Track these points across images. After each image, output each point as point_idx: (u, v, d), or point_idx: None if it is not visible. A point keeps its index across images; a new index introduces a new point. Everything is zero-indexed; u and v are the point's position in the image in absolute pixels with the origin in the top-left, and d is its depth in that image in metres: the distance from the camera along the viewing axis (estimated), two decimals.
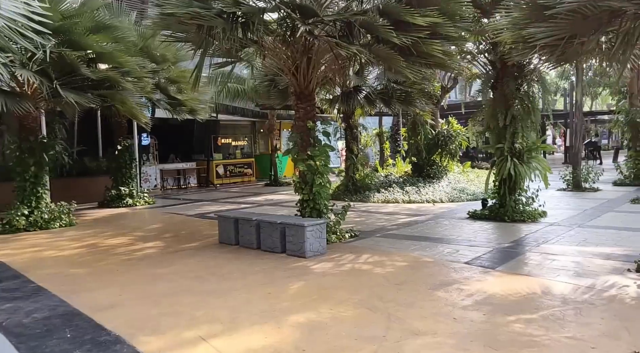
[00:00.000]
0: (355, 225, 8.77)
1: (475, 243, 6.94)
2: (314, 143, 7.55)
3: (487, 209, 9.32)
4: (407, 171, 15.49)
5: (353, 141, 13.60)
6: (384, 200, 12.35)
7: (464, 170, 16.58)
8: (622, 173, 14.78)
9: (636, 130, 14.24)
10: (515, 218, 8.70)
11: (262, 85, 13.74)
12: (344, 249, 6.87)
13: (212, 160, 18.48)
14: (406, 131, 15.26)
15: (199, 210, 11.68)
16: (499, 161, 8.97)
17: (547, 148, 9.18)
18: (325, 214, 7.56)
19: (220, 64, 8.41)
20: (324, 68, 7.91)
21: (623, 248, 6.33)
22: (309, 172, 7.41)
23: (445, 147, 14.64)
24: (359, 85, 12.32)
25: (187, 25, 6.24)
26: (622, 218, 8.78)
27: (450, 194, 12.41)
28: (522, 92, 8.90)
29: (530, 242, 6.92)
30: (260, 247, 6.96)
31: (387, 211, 10.63)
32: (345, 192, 13.33)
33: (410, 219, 9.37)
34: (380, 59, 6.46)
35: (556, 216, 9.05)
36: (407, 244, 7.09)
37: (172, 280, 5.49)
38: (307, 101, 7.59)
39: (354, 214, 10.20)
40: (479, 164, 20.82)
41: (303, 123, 7.58)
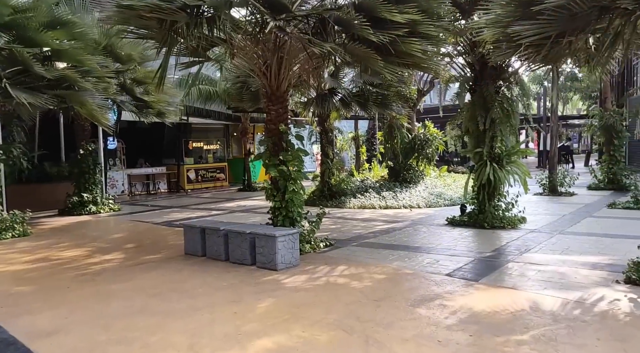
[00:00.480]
0: (330, 233, 8.37)
1: (455, 253, 6.63)
2: (286, 147, 7.13)
3: (466, 216, 9.05)
4: (383, 176, 15.20)
5: (328, 145, 13.23)
6: (360, 206, 12.00)
7: (440, 174, 16.40)
8: (596, 177, 14.79)
9: (609, 134, 14.25)
10: (494, 225, 8.45)
11: (233, 87, 13.29)
12: (318, 260, 6.46)
13: (183, 165, 17.85)
14: (382, 135, 14.98)
15: (167, 217, 11.10)
16: (478, 166, 8.72)
17: (526, 152, 8.99)
18: (298, 222, 7.15)
19: (187, 64, 7.91)
20: (297, 68, 7.51)
21: (607, 256, 6.10)
22: (281, 178, 6.98)
23: (422, 151, 14.40)
24: (334, 87, 11.95)
25: (147, 20, 5.75)
26: (601, 224, 8.62)
27: (427, 200, 12.15)
28: (501, 95, 8.67)
29: (512, 251, 6.64)
30: (229, 259, 6.49)
31: (363, 218, 10.28)
32: (321, 197, 12.94)
33: (387, 227, 9.03)
34: (356, 58, 6.10)
35: (536, 222, 8.84)
36: (385, 254, 6.73)
37: (129, 298, 4.98)
38: (279, 103, 7.17)
39: (330, 221, 9.81)
40: (454, 169, 20.71)
41: (275, 126, 7.15)
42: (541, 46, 4.60)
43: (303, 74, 9.49)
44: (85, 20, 9.47)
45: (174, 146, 18.12)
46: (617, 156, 14.23)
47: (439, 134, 14.59)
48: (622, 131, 14.31)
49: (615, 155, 14.23)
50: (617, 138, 14.28)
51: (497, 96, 8.60)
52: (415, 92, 14.89)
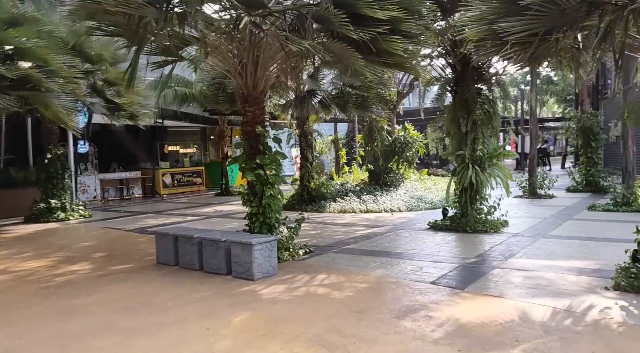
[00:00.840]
0: (310, 239, 8.10)
1: (439, 259, 6.42)
2: (263, 150, 6.84)
3: (448, 219, 8.88)
4: (363, 179, 15.00)
5: (307, 148, 12.96)
6: (341, 210, 11.76)
7: (420, 177, 16.29)
8: (574, 179, 14.86)
9: (587, 137, 14.33)
10: (477, 229, 8.29)
11: (210, 89, 12.92)
12: (297, 268, 6.18)
13: (159, 169, 17.35)
14: (362, 138, 14.78)
15: (140, 224, 10.67)
16: (460, 168, 8.56)
17: (508, 154, 8.89)
18: (276, 228, 6.85)
19: (159, 63, 7.55)
20: (275, 69, 7.24)
21: (593, 261, 5.96)
22: (258, 182, 6.69)
23: (402, 154, 14.25)
24: (313, 89, 11.71)
25: (114, 15, 5.40)
26: (583, 227, 8.54)
27: (408, 203, 11.97)
28: (482, 96, 8.54)
29: (496, 256, 6.47)
30: (203, 268, 6.15)
31: (344, 222, 10.03)
32: (300, 202, 12.66)
33: (368, 231, 8.80)
34: (336, 57, 5.85)
35: (518, 225, 8.71)
36: (366, 261, 6.48)
37: (93, 313, 4.62)
38: (255, 104, 6.87)
39: (309, 227, 9.54)
40: (434, 171, 20.67)
41: (251, 128, 6.85)
42: (527, 43, 4.42)
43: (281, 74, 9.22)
44: (51, 18, 9.03)
45: (149, 150, 17.62)
46: (594, 158, 14.32)
47: (419, 136, 14.46)
48: (599, 134, 14.42)
49: (592, 157, 14.32)
50: (595, 140, 14.37)
51: (478, 98, 8.46)
52: (395, 95, 14.75)
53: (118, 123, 11.53)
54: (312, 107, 11.32)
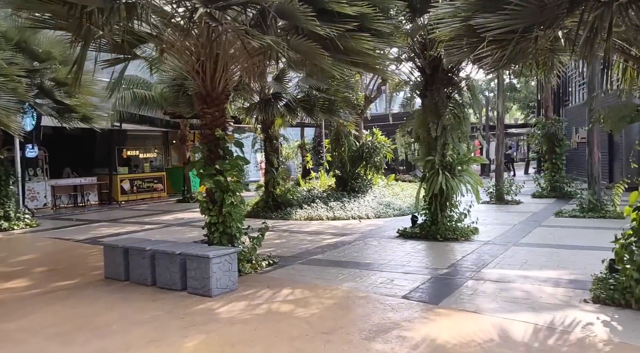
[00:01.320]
0: (274, 249, 7.66)
1: (410, 270, 6.09)
2: (224, 154, 6.36)
3: (417, 227, 8.61)
4: (330, 185, 14.64)
5: (273, 153, 12.50)
6: (307, 217, 11.35)
7: (388, 183, 16.07)
8: (540, 185, 14.95)
9: (551, 143, 14.44)
10: (447, 237, 8.04)
11: (170, 91, 12.31)
12: (260, 282, 5.73)
13: (117, 174, 16.52)
14: (329, 143, 14.44)
15: (93, 233, 9.95)
16: (430, 174, 8.30)
17: (479, 160, 8.70)
18: (237, 239, 6.39)
19: (110, 61, 6.97)
20: (237, 68, 6.78)
21: (568, 271, 5.75)
22: (217, 189, 6.21)
23: (370, 159, 13.97)
24: (278, 92, 11.29)
25: (53, 4, 4.85)
26: (553, 234, 8.42)
27: (376, 210, 11.68)
28: (452, 100, 8.32)
29: (469, 266, 6.19)
30: (156, 284, 5.62)
31: (310, 230, 9.62)
32: (265, 209, 12.19)
33: (336, 240, 8.42)
34: (301, 54, 5.45)
35: (488, 233, 8.52)
36: (334, 273, 6.09)
37: (21, 342, 4.04)
38: (215, 106, 6.40)
39: (274, 235, 9.09)
40: (401, 177, 20.55)
41: (210, 131, 6.38)
42: (505, 41, 4.14)
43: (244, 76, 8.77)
44: None
45: (107, 155, 16.75)
46: (558, 164, 14.44)
47: (386, 142, 14.23)
48: (563, 140, 14.56)
49: (557, 163, 14.43)
50: (559, 146, 14.49)
51: (448, 102, 8.24)
52: (362, 99, 14.49)
53: (69, 126, 10.76)
54: (277, 111, 10.90)
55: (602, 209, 10.16)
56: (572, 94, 22.65)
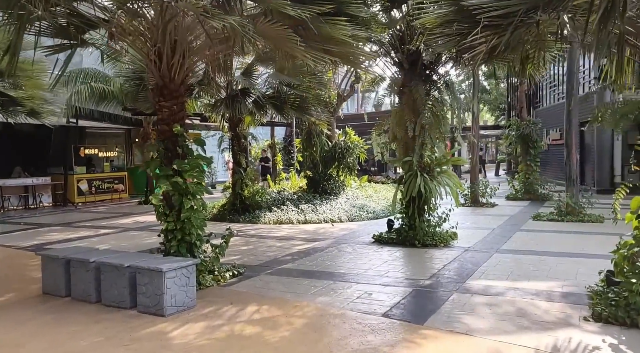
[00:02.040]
0: (240, 257, 7.02)
1: (389, 281, 5.55)
2: (183, 153, 5.69)
3: (394, 232, 8.10)
4: (302, 187, 14.05)
5: (241, 153, 11.81)
6: (277, 221, 10.72)
7: (361, 185, 15.59)
8: (514, 187, 14.73)
9: (526, 144, 14.25)
10: (426, 242, 7.56)
11: (129, 84, 11.48)
12: (222, 297, 5.08)
13: (73, 174, 15.46)
14: (300, 142, 13.83)
15: (40, 239, 9.05)
16: (408, 176, 7.80)
17: (458, 161, 8.26)
18: (198, 247, 5.72)
19: (54, 48, 6.19)
20: (199, 58, 6.12)
21: (558, 281, 5.32)
22: (175, 192, 5.53)
23: (343, 160, 13.45)
24: (247, 88, 10.62)
25: None
26: (535, 239, 8.05)
27: (349, 213, 11.15)
28: (432, 98, 7.86)
29: (452, 277, 5.69)
30: (101, 301, 4.90)
31: (280, 236, 9.00)
32: (232, 211, 11.49)
33: (308, 246, 7.82)
34: (270, 41, 4.84)
35: (467, 238, 8.08)
36: (305, 285, 5.49)
37: None
38: (173, 98, 5.71)
39: (241, 241, 8.44)
40: (374, 178, 20.12)
41: (168, 127, 5.69)
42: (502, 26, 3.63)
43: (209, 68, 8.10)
44: None
45: (63, 153, 15.66)
46: (533, 166, 14.25)
47: (360, 142, 13.73)
48: (537, 141, 14.39)
49: (531, 165, 14.25)
50: (533, 148, 14.32)
51: (427, 99, 7.76)
52: (335, 97, 13.94)
53: (14, 121, 9.81)
54: (245, 108, 10.23)
55: (580, 213, 9.90)
56: (543, 96, 22.73)
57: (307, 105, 11.03)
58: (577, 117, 10.11)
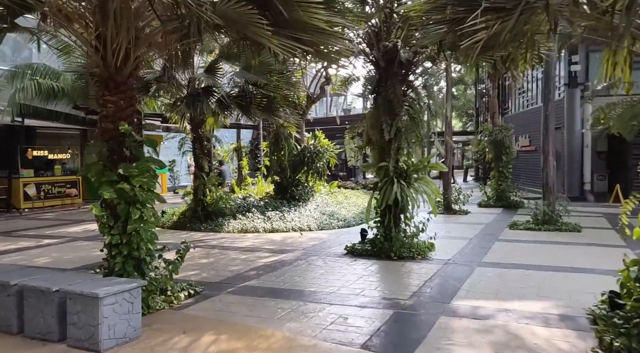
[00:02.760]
0: (199, 272, 6.29)
1: (366, 301, 4.94)
2: (131, 156, 4.93)
3: (368, 243, 7.52)
4: (268, 192, 13.33)
5: (203, 156, 11.02)
6: (242, 229, 9.98)
7: (331, 191, 14.98)
8: (486, 194, 14.45)
9: (499, 150, 13.98)
10: (402, 255, 7.01)
11: (80, 81, 10.52)
12: (174, 324, 4.35)
13: (19, 178, 14.24)
14: (268, 146, 13.12)
15: None
16: (383, 183, 7.25)
17: (436, 167, 7.77)
18: (148, 264, 4.97)
19: None
20: (149, 47, 5.38)
21: (552, 301, 4.83)
22: (121, 201, 4.76)
23: (312, 164, 12.82)
24: (210, 86, 9.87)
25: None
26: (516, 251, 7.62)
27: (319, 221, 10.52)
28: (409, 99, 7.33)
29: (435, 296, 5.13)
30: (24, 332, 4.09)
31: (245, 246, 8.27)
32: (193, 219, 10.68)
33: (275, 259, 7.14)
34: (231, 24, 4.16)
35: (445, 249, 7.58)
36: (272, 307, 4.81)
37: None
38: (120, 92, 4.96)
39: (201, 253, 7.68)
40: (344, 184, 19.58)
41: (113, 125, 4.92)
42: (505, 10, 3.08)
43: (167, 64, 7.35)
44: None
45: (7, 155, 14.42)
46: (505, 172, 14.00)
47: (330, 145, 13.13)
48: (510, 147, 14.15)
49: (503, 172, 13.99)
50: (506, 154, 14.07)
51: (404, 100, 7.23)
52: (304, 99, 13.31)
53: None
54: (207, 107, 9.47)
55: (557, 222, 9.59)
56: (511, 102, 22.77)
57: (274, 106, 10.35)
58: (553, 123, 9.81)
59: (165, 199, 5.39)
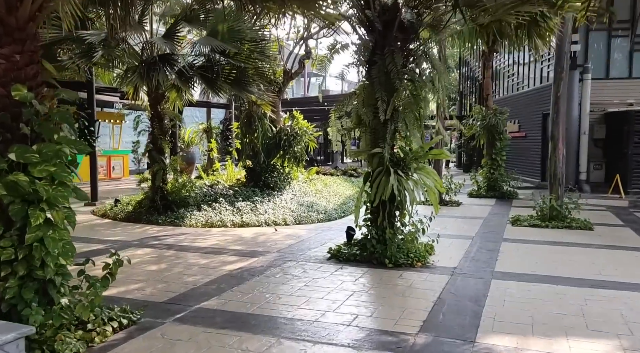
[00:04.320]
0: (143, 286, 4.90)
1: (361, 338, 3.64)
2: (32, 135, 3.46)
3: (356, 245, 6.24)
4: (240, 179, 11.89)
5: (163, 137, 9.48)
6: (206, 223, 8.59)
7: (309, 177, 13.62)
8: (477, 183, 13.34)
9: (492, 135, 12.85)
10: (399, 261, 5.75)
11: None
12: None
13: None
14: (239, 127, 11.64)
15: None
16: (377, 173, 5.93)
17: (441, 155, 6.43)
18: (59, 287, 3.56)
19: None
20: None
21: (611, 339, 3.62)
22: (14, 199, 3.31)
23: (289, 148, 11.42)
24: (170, 53, 8.30)
25: None
26: (529, 255, 6.44)
27: (297, 213, 9.19)
28: (410, 71, 5.99)
29: (452, 328, 3.86)
30: None
31: (207, 246, 6.89)
32: (151, 210, 9.22)
33: (242, 265, 5.79)
34: None
35: (446, 252, 6.37)
36: (232, 347, 3.47)
37: None
38: (14, 42, 3.46)
39: (152, 256, 6.28)
40: (322, 170, 18.25)
41: (4, 91, 3.43)
42: None
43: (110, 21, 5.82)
44: None
45: None
46: (498, 160, 12.89)
47: (309, 128, 11.73)
48: (504, 133, 13.04)
49: (496, 159, 12.88)
50: (499, 140, 12.96)
51: (404, 72, 5.88)
52: (281, 74, 11.81)
53: None
54: (165, 78, 7.92)
55: (566, 218, 8.48)
56: (498, 86, 21.70)
57: (246, 80, 8.87)
58: (565, 105, 8.62)
59: (87, 196, 3.92)
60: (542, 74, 16.20)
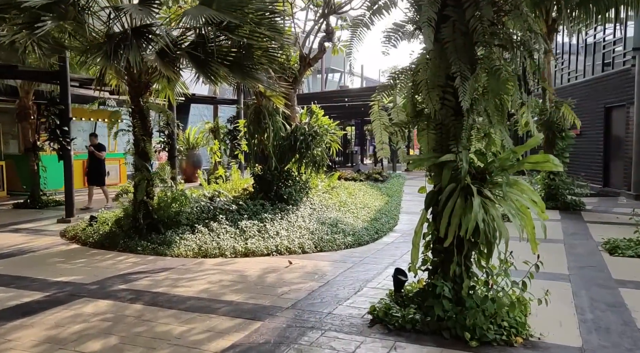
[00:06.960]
0: None
1: None
2: None
3: (412, 302, 4.06)
4: (246, 189, 9.76)
5: (146, 138, 7.42)
6: (199, 250, 6.52)
7: (330, 185, 11.45)
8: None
9: (552, 133, 10.57)
10: (486, 337, 3.56)
11: None
12: None
13: None
14: (245, 125, 9.52)
15: None
16: (448, 194, 3.74)
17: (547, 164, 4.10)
18: None
19: None
20: None
21: None
22: None
23: (307, 151, 9.26)
24: (148, 25, 6.20)
25: None
26: None
27: (317, 235, 7.07)
28: (502, 32, 3.78)
29: None
30: None
31: (192, 296, 4.77)
32: (132, 231, 7.17)
33: (237, 340, 3.67)
34: None
35: (551, 314, 4.17)
36: None
37: None
38: None
39: (105, 319, 4.19)
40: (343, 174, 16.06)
41: None
42: None
43: None
44: None
45: None
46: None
47: (332, 125, 9.56)
48: (566, 131, 10.72)
49: None
50: (562, 139, 10.66)
51: (495, 33, 3.68)
52: (296, 60, 9.65)
53: None
54: (138, 58, 5.78)
55: None
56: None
57: (250, 63, 6.74)
58: None
59: None
60: (605, 60, 13.78)
